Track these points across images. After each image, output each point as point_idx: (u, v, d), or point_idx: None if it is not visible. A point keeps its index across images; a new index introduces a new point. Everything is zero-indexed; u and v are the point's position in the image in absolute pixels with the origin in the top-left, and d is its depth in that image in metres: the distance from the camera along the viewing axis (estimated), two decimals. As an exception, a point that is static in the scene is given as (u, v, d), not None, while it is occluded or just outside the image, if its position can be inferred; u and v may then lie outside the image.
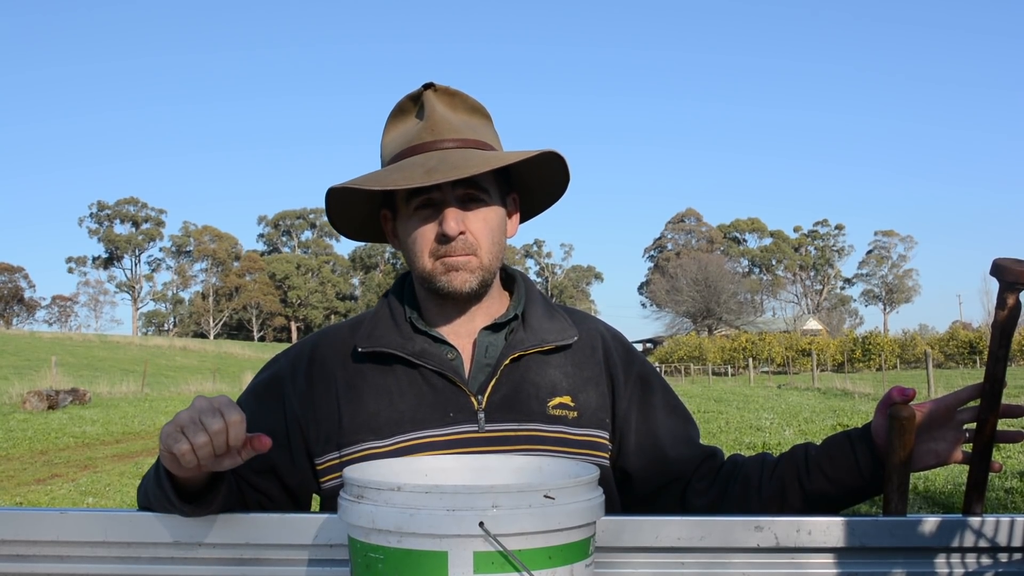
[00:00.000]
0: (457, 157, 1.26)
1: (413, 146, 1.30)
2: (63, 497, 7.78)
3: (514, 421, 1.29)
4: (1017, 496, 6.99)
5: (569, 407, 1.32)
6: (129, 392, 22.63)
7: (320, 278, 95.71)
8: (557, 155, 1.32)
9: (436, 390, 1.30)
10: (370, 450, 1.27)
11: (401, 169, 1.27)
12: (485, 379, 1.31)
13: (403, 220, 1.33)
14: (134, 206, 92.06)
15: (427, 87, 1.33)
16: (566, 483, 0.91)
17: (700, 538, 1.13)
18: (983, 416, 1.18)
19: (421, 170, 1.24)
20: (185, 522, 1.15)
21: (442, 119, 1.30)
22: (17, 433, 12.85)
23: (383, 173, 1.30)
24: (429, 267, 1.30)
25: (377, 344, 1.32)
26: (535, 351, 1.33)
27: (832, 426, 12.75)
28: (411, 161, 1.28)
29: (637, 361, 1.43)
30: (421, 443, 1.27)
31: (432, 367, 1.30)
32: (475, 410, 1.29)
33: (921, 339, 56.63)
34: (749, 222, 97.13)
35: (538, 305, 1.39)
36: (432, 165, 1.24)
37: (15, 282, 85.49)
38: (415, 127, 1.32)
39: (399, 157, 1.31)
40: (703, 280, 74.44)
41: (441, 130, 1.29)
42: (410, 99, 1.35)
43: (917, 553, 1.14)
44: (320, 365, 1.35)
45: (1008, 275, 1.13)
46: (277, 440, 1.29)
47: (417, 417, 1.28)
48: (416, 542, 0.86)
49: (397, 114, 1.36)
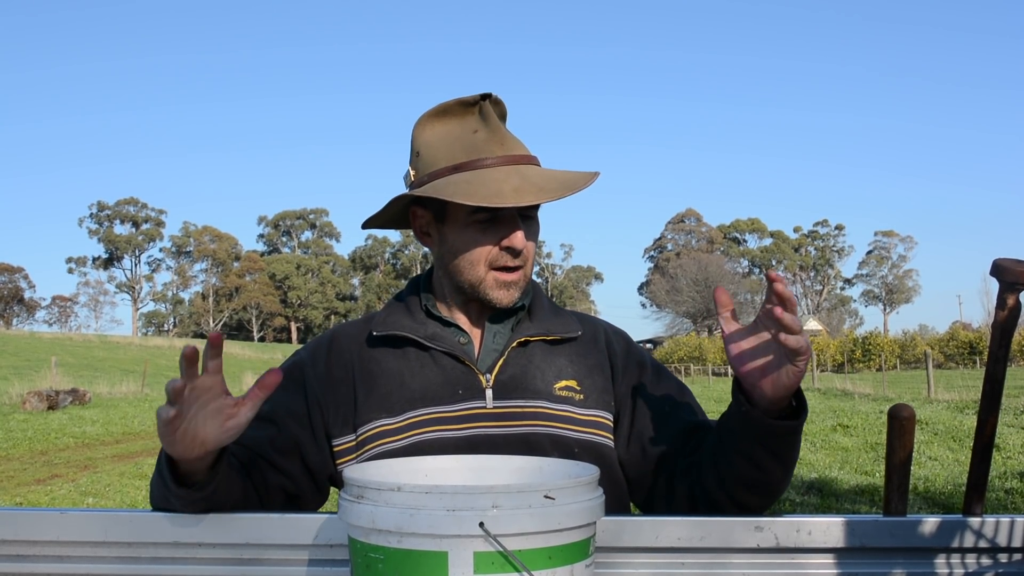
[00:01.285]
0: (536, 177, 1.30)
1: (482, 158, 1.31)
2: (63, 497, 7.78)
3: (521, 398, 1.33)
4: (1017, 496, 7.00)
5: (575, 389, 1.37)
6: (129, 392, 22.61)
7: (320, 278, 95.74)
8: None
9: (446, 370, 1.34)
10: (382, 427, 1.32)
11: (485, 184, 1.28)
12: (493, 361, 1.36)
13: (455, 227, 1.34)
14: (134, 206, 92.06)
15: (485, 97, 1.36)
16: (566, 483, 0.91)
17: (700, 538, 1.13)
18: (983, 416, 1.18)
19: (508, 187, 1.27)
20: (185, 522, 1.15)
21: (508, 133, 1.36)
22: (17, 433, 12.85)
23: (464, 185, 1.28)
24: (483, 276, 1.34)
25: (391, 328, 1.37)
26: (540, 339, 1.38)
27: (832, 426, 12.75)
28: (490, 176, 1.29)
29: (636, 351, 1.46)
30: (431, 418, 1.31)
31: (443, 349, 1.35)
32: (483, 388, 1.33)
33: (921, 339, 56.64)
34: (749, 222, 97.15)
35: (544, 301, 1.45)
36: (516, 184, 1.28)
37: (15, 282, 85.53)
38: (479, 136, 1.33)
39: (465, 164, 1.31)
40: (703, 280, 74.53)
41: (512, 145, 1.34)
42: (460, 104, 1.36)
43: (917, 553, 1.14)
44: (338, 354, 1.40)
45: (1008, 275, 1.13)
46: (299, 420, 1.35)
47: (428, 395, 1.33)
48: (416, 542, 0.86)
49: (441, 114, 1.36)
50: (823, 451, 10.22)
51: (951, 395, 17.67)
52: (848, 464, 9.07)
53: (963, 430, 11.44)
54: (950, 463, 8.79)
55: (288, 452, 1.32)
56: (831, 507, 6.79)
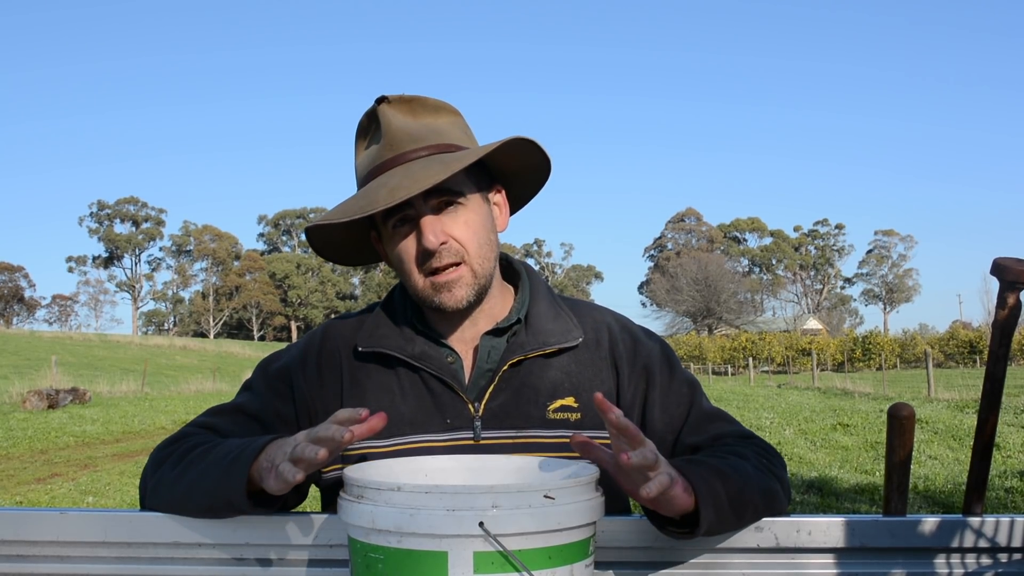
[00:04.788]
0: (418, 169, 1.23)
1: (375, 167, 1.28)
2: (63, 497, 7.78)
3: (512, 428, 1.28)
4: (1017, 496, 6.99)
5: (572, 408, 1.30)
6: (129, 391, 22.61)
7: (320, 278, 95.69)
8: (528, 140, 1.29)
9: (435, 395, 1.30)
10: (369, 449, 1.27)
11: (366, 194, 1.25)
12: (484, 385, 1.30)
13: (386, 240, 1.33)
14: (134, 205, 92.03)
15: (380, 101, 1.30)
16: (566, 483, 0.91)
17: (700, 538, 1.13)
18: (983, 415, 1.18)
19: (384, 191, 1.22)
20: (185, 522, 1.15)
21: (399, 131, 1.28)
22: (17, 432, 12.84)
23: (350, 202, 1.28)
24: (420, 285, 1.29)
25: (377, 345, 1.32)
26: (537, 354, 1.31)
27: (832, 425, 12.74)
28: (376, 183, 1.26)
29: (644, 352, 1.37)
30: (418, 447, 1.27)
31: (432, 371, 1.30)
32: (471, 417, 1.28)
33: (921, 339, 56.65)
34: (749, 222, 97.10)
35: (542, 304, 1.37)
36: (395, 183, 1.22)
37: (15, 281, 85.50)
38: (375, 147, 1.30)
39: (366, 179, 1.30)
40: (703, 280, 74.46)
41: (400, 143, 1.27)
42: (367, 117, 1.33)
43: (917, 553, 1.14)
44: (328, 357, 1.35)
45: (1008, 274, 1.13)
46: (286, 425, 1.31)
47: (416, 420, 1.28)
48: (416, 542, 0.86)
49: (361, 134, 1.34)
50: (823, 450, 10.21)
51: (951, 394, 17.66)
52: (848, 463, 9.06)
53: (963, 429, 11.43)
54: (950, 462, 8.79)
55: None
56: (831, 506, 6.79)
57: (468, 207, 1.29)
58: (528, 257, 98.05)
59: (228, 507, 1.12)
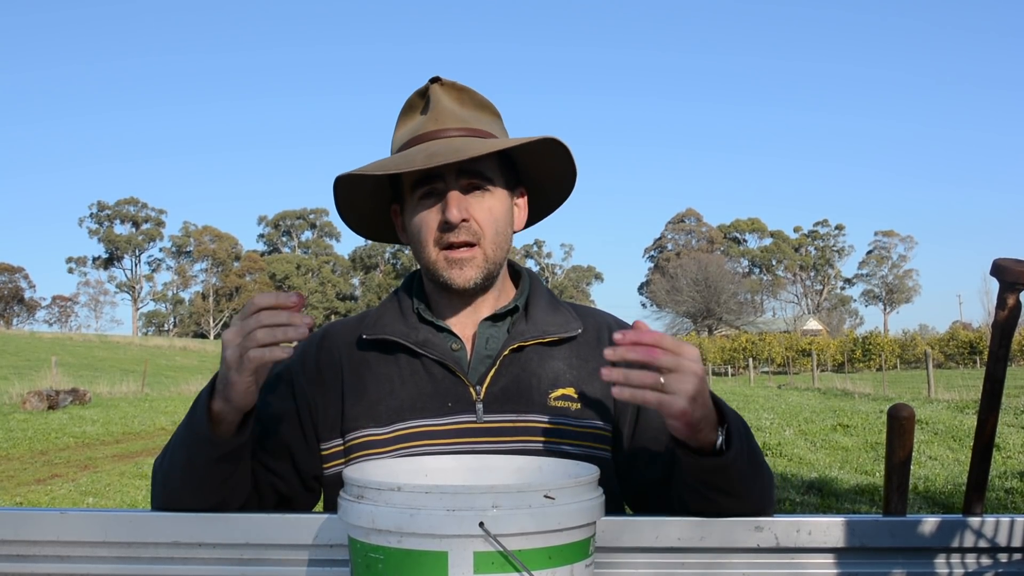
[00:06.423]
0: (459, 143, 1.27)
1: (417, 136, 1.32)
2: (63, 497, 7.78)
3: (512, 412, 1.29)
4: (1017, 496, 6.99)
5: (571, 398, 1.32)
6: (129, 392, 22.61)
7: (320, 278, 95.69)
8: (560, 145, 1.32)
9: (436, 380, 1.31)
10: (370, 436, 1.29)
11: (405, 156, 1.28)
12: (485, 370, 1.32)
13: (408, 210, 1.34)
14: (134, 206, 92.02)
15: (433, 81, 1.34)
16: (566, 483, 0.91)
17: (700, 538, 1.13)
18: (983, 416, 1.18)
19: (423, 155, 1.25)
20: (185, 522, 1.15)
21: (447, 109, 1.32)
22: (17, 433, 12.84)
23: (387, 160, 1.31)
24: (433, 257, 1.31)
25: (381, 332, 1.34)
26: (536, 342, 1.33)
27: (832, 426, 12.74)
28: (416, 148, 1.29)
29: None
30: (419, 431, 1.28)
31: (433, 357, 1.31)
32: (473, 400, 1.29)
33: (921, 339, 56.63)
34: (749, 222, 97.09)
35: (542, 298, 1.40)
36: (434, 151, 1.25)
37: (15, 282, 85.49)
38: (420, 119, 1.34)
39: (406, 147, 1.32)
40: (703, 280, 74.45)
41: (445, 119, 1.31)
42: (418, 94, 1.37)
43: (917, 553, 1.14)
44: (328, 353, 1.37)
45: (1008, 275, 1.13)
46: (290, 423, 1.32)
47: (416, 406, 1.30)
48: (416, 542, 0.86)
49: (406, 111, 1.38)
50: (823, 450, 10.21)
51: (951, 395, 17.67)
52: (848, 464, 9.07)
53: (963, 430, 11.43)
54: (950, 463, 8.79)
55: (278, 454, 1.31)
56: (831, 507, 6.79)
57: (494, 196, 1.32)
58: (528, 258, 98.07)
59: (201, 444, 1.15)
